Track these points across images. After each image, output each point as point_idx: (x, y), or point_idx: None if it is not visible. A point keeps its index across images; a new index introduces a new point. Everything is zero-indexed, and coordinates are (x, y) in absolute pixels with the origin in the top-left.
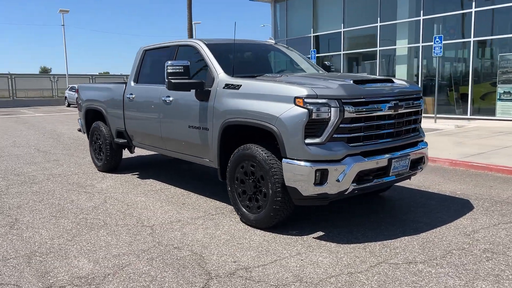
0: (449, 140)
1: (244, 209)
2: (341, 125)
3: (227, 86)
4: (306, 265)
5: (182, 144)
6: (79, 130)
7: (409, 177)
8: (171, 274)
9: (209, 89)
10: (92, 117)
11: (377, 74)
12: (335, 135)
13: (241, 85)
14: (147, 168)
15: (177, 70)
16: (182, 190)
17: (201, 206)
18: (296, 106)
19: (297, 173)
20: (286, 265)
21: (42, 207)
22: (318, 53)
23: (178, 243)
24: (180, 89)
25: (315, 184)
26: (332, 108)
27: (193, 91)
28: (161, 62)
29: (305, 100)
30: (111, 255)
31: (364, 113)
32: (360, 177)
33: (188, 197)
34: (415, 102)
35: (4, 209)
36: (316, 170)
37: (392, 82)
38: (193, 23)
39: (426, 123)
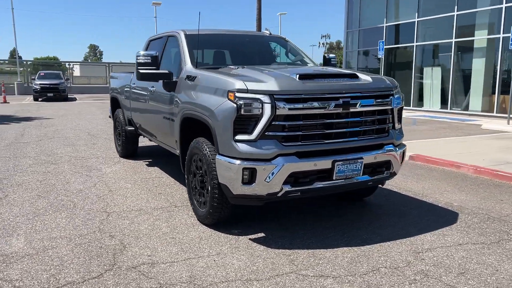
0: (501, 145)
1: (195, 204)
2: (274, 123)
3: (187, 77)
4: (214, 266)
5: (160, 134)
6: (110, 117)
7: (373, 184)
8: (81, 261)
9: (177, 80)
10: (114, 105)
11: (451, 68)
12: (268, 133)
13: (196, 77)
14: (161, 157)
15: (146, 61)
16: (173, 180)
17: (174, 197)
18: (228, 101)
19: (227, 170)
20: (193, 265)
21: (37, 187)
22: (390, 44)
23: (116, 232)
24: (148, 79)
25: (243, 183)
26: (265, 104)
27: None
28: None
29: (236, 94)
30: (48, 237)
31: (301, 110)
32: (297, 179)
33: (170, 187)
34: (379, 101)
35: (4, 185)
36: (244, 169)
37: (354, 77)
38: (278, 14)
39: (497, 124)
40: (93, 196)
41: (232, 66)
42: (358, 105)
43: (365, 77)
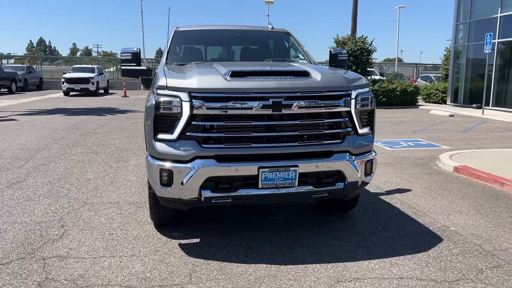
0: None
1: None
2: (193, 123)
3: (154, 74)
4: (113, 267)
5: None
6: None
7: (322, 197)
8: (7, 247)
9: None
10: None
11: None
12: (188, 133)
13: (155, 74)
14: None
15: (127, 57)
16: None
17: None
18: (152, 98)
19: (149, 170)
20: (97, 263)
21: (57, 173)
22: (504, 37)
23: (70, 223)
24: (129, 75)
25: (162, 185)
26: (183, 102)
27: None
28: None
29: (157, 91)
30: (11, 221)
31: (222, 110)
32: (218, 185)
33: None
34: (327, 102)
35: (36, 170)
36: (161, 170)
37: (303, 75)
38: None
39: None
40: (91, 186)
41: (201, 63)
42: (294, 106)
43: (317, 75)
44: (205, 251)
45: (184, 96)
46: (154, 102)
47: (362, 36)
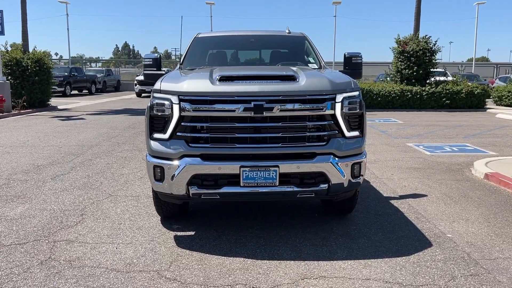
0: None
1: None
2: (183, 123)
3: None
4: (108, 252)
5: None
6: None
7: (307, 197)
8: (31, 230)
9: None
10: None
11: None
12: (178, 133)
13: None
14: None
15: (148, 63)
16: None
17: None
18: (151, 100)
19: (146, 166)
20: (95, 248)
21: (98, 168)
22: None
23: (86, 212)
24: (149, 79)
25: (155, 180)
26: (174, 105)
27: None
28: None
29: (153, 94)
30: (39, 208)
31: (207, 112)
32: (203, 182)
33: None
34: (310, 106)
35: (81, 165)
36: (155, 166)
37: (290, 79)
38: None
39: None
40: (122, 180)
41: (204, 67)
42: (275, 109)
43: (303, 80)
44: (194, 243)
45: (174, 99)
46: (149, 104)
47: (426, 35)
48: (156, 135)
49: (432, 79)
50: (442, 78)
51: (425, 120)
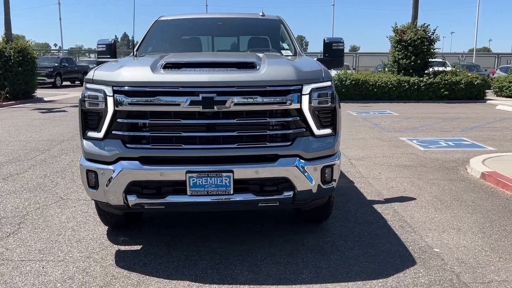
0: None
1: None
2: (118, 120)
3: None
4: (31, 273)
5: None
6: None
7: (270, 207)
8: None
9: None
10: None
11: None
12: (114, 132)
13: None
14: None
15: (102, 49)
16: None
17: None
18: (83, 92)
19: (80, 170)
20: (19, 268)
21: (59, 167)
22: None
23: (27, 219)
24: None
25: (89, 186)
26: (108, 97)
27: None
28: None
29: (86, 85)
30: None
31: (146, 107)
32: (144, 190)
33: None
34: (272, 99)
35: (43, 163)
36: (87, 170)
37: (248, 67)
38: None
39: None
40: (67, 180)
41: (156, 53)
42: (229, 103)
43: (264, 67)
44: (137, 260)
45: (108, 90)
46: (80, 97)
47: (424, 24)
48: (90, 134)
49: (431, 69)
50: (441, 69)
51: (421, 112)
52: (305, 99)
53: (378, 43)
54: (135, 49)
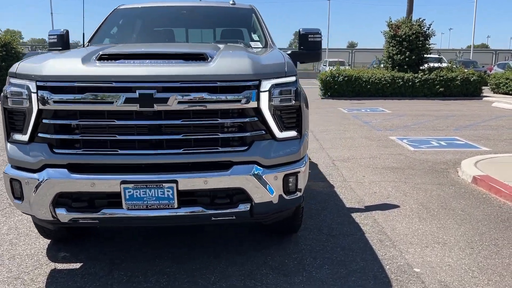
0: None
1: None
2: (44, 120)
3: None
4: None
5: None
6: None
7: (221, 219)
8: None
9: None
10: None
11: None
12: (41, 134)
13: None
14: None
15: (53, 40)
16: None
17: None
18: (5, 87)
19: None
20: None
21: None
22: None
23: None
24: None
25: (15, 198)
26: (32, 94)
27: None
28: None
29: (9, 79)
30: None
31: (75, 105)
32: (73, 203)
33: None
34: (224, 96)
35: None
36: (11, 179)
37: (198, 59)
38: None
39: None
40: None
41: (111, 45)
42: (172, 101)
43: (216, 59)
44: (72, 282)
45: (32, 86)
46: (2, 93)
47: (419, 18)
48: (16, 137)
49: (426, 65)
50: (436, 65)
51: (415, 110)
52: (264, 97)
53: (376, 39)
54: (87, 40)
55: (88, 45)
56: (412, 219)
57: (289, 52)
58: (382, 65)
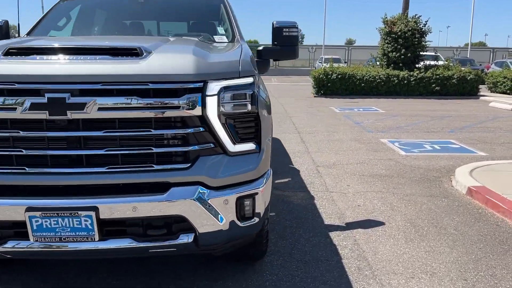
0: None
1: None
2: None
3: None
4: None
5: None
6: None
7: (159, 250)
8: None
9: None
10: None
11: None
12: None
13: None
14: None
15: None
16: None
17: None
18: None
19: None
20: None
21: None
22: None
23: None
24: None
25: None
26: None
27: None
28: None
29: None
30: None
31: None
32: None
33: None
34: (158, 101)
35: None
36: None
37: (130, 55)
38: None
39: None
40: None
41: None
42: (90, 107)
43: (152, 55)
44: None
45: None
46: None
47: (415, 15)
48: None
49: (422, 63)
50: (433, 63)
51: (410, 109)
52: (211, 102)
53: (374, 36)
54: (29, 30)
55: (25, 37)
56: (398, 240)
57: (260, 48)
58: (378, 63)
